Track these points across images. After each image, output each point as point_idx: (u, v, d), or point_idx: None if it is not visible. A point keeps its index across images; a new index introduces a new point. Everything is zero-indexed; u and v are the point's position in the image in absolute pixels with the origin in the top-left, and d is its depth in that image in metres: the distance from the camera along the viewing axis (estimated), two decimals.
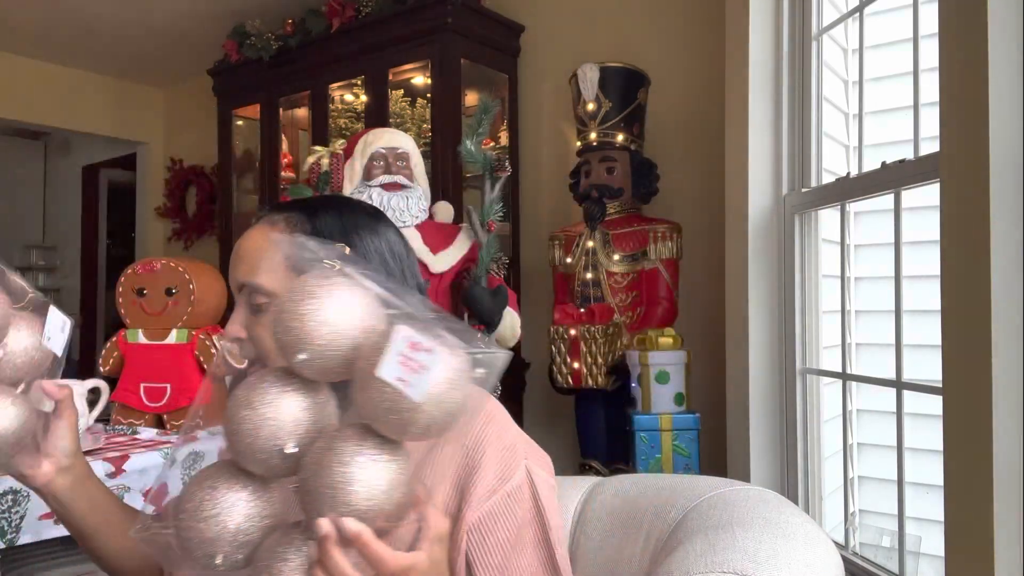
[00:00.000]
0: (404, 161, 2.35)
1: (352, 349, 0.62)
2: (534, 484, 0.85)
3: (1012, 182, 1.27)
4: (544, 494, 0.85)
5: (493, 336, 2.36)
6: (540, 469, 0.88)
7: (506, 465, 0.83)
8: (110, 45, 4.38)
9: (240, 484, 0.66)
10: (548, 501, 0.86)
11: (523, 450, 0.86)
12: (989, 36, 1.28)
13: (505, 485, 0.82)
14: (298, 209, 0.89)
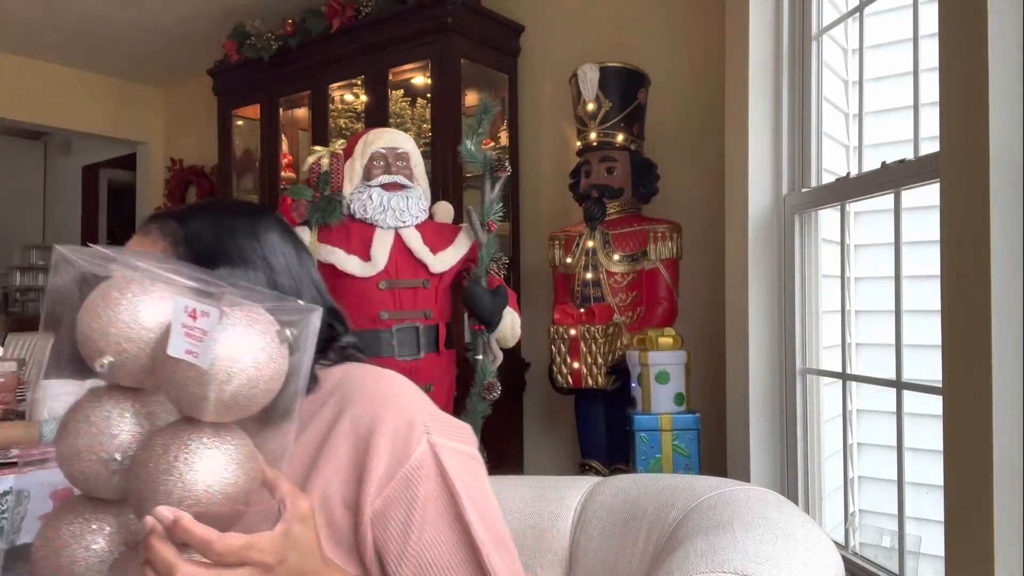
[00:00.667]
0: (404, 161, 2.35)
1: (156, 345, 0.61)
2: (438, 457, 0.80)
3: (1012, 182, 1.27)
4: (452, 466, 0.80)
5: (493, 336, 2.36)
6: (449, 440, 0.82)
7: (403, 444, 0.79)
8: (110, 45, 4.38)
9: (93, 513, 0.65)
10: (459, 472, 0.81)
11: (424, 423, 0.81)
12: (989, 36, 1.28)
13: (402, 466, 0.78)
14: (172, 216, 0.86)
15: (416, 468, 0.78)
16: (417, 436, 0.79)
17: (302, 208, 2.32)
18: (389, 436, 0.79)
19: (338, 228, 2.31)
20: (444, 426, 0.83)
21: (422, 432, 0.80)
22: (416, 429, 0.80)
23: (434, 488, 0.79)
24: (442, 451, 0.80)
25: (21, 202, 6.73)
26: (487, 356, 2.37)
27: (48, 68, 4.67)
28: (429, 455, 0.79)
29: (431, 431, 0.81)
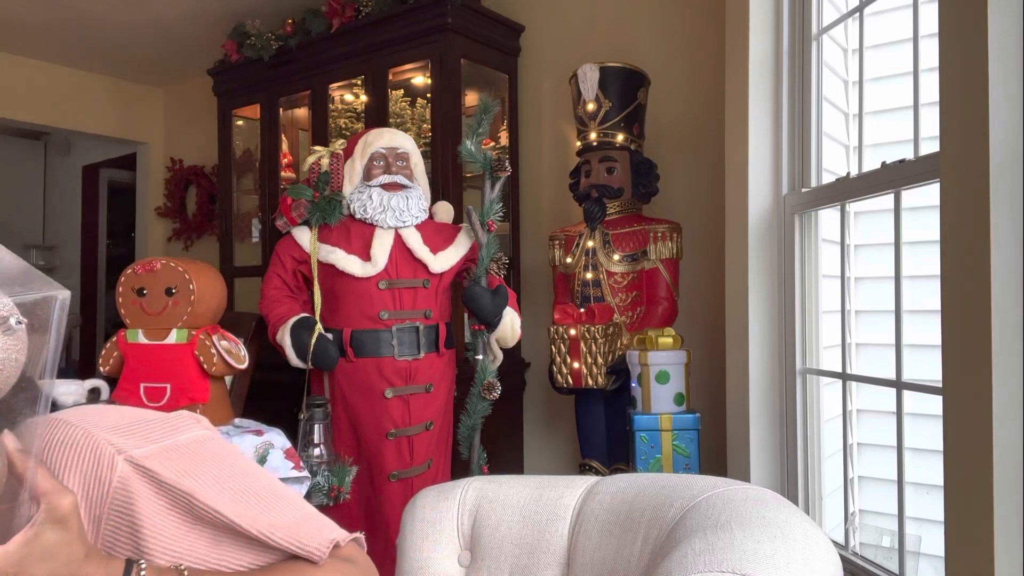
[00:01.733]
0: (404, 161, 2.35)
1: None
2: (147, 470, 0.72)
3: (1012, 182, 1.27)
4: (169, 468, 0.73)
5: (493, 336, 2.36)
6: (154, 443, 0.75)
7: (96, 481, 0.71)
8: (110, 45, 4.38)
9: None
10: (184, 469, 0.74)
11: (111, 443, 0.73)
12: (989, 36, 1.28)
13: (107, 500, 0.71)
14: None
15: (124, 491, 0.71)
16: (108, 464, 0.71)
17: (302, 208, 2.32)
18: (81, 488, 0.71)
19: (338, 228, 2.31)
20: (143, 431, 0.75)
21: (112, 455, 0.72)
22: (103, 457, 0.72)
23: (155, 501, 0.71)
24: (148, 461, 0.72)
25: (21, 202, 6.73)
26: (487, 356, 2.37)
27: (48, 68, 4.67)
28: (132, 473, 0.71)
29: (123, 447, 0.73)
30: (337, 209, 2.31)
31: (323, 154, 2.42)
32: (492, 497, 1.19)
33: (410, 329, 2.28)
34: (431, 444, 2.36)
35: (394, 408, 2.27)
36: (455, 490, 1.25)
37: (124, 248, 6.41)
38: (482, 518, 1.18)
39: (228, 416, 2.03)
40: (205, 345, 1.87)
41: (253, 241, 4.08)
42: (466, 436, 2.35)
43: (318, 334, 2.24)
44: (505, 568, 1.12)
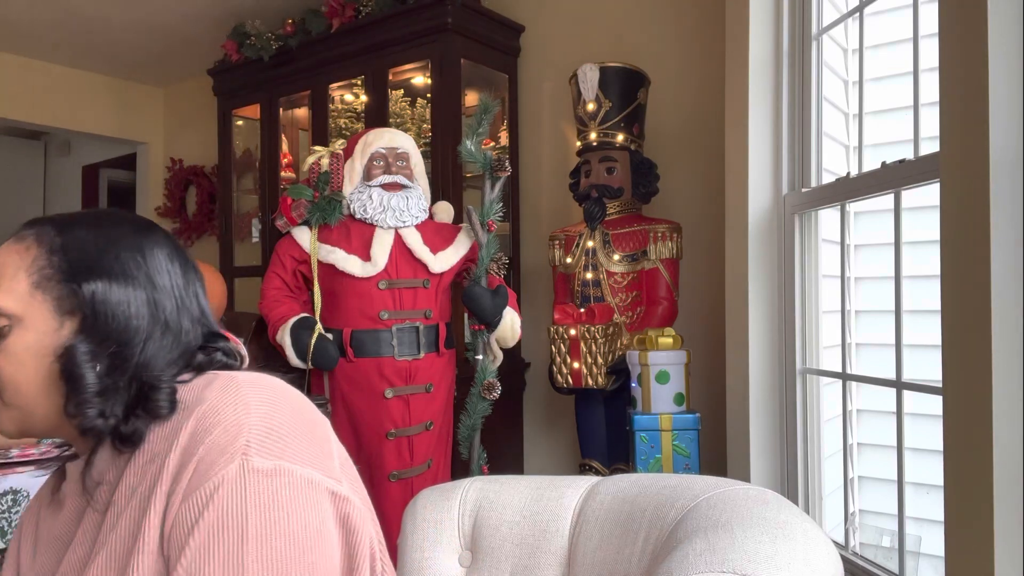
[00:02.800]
0: (404, 161, 2.35)
1: None
2: (245, 480, 0.67)
3: (1012, 182, 1.27)
4: (261, 493, 0.67)
5: (493, 336, 2.36)
6: (278, 460, 0.69)
7: (211, 462, 0.67)
8: (110, 45, 4.38)
9: None
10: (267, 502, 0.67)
11: (247, 440, 0.69)
12: (989, 36, 1.28)
13: (202, 485, 0.67)
14: (52, 222, 0.80)
15: (214, 489, 0.66)
16: (231, 453, 0.68)
17: (302, 208, 2.32)
18: (205, 450, 0.68)
19: (338, 228, 2.31)
20: (279, 445, 0.70)
21: (238, 449, 0.68)
22: (235, 444, 0.68)
23: (223, 517, 0.66)
24: (255, 476, 0.67)
25: (21, 202, 6.72)
26: (487, 356, 2.37)
27: (48, 68, 4.67)
28: (236, 477, 0.67)
29: (251, 449, 0.68)
30: (337, 209, 2.31)
31: (323, 154, 2.42)
32: (493, 497, 1.19)
33: (410, 329, 2.28)
34: (431, 444, 2.36)
35: (394, 408, 2.27)
36: (456, 490, 1.25)
37: None
38: (483, 518, 1.18)
39: None
40: None
41: (253, 241, 4.08)
42: (466, 436, 2.35)
43: (318, 334, 2.24)
44: (506, 568, 1.12)
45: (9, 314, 0.75)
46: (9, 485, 1.34)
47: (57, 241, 0.77)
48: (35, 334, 0.75)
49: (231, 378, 0.75)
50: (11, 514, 1.36)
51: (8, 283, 0.75)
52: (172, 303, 0.80)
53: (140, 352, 0.77)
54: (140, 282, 0.78)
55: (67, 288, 0.75)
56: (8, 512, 1.35)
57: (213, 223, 4.75)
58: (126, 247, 0.80)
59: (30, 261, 0.76)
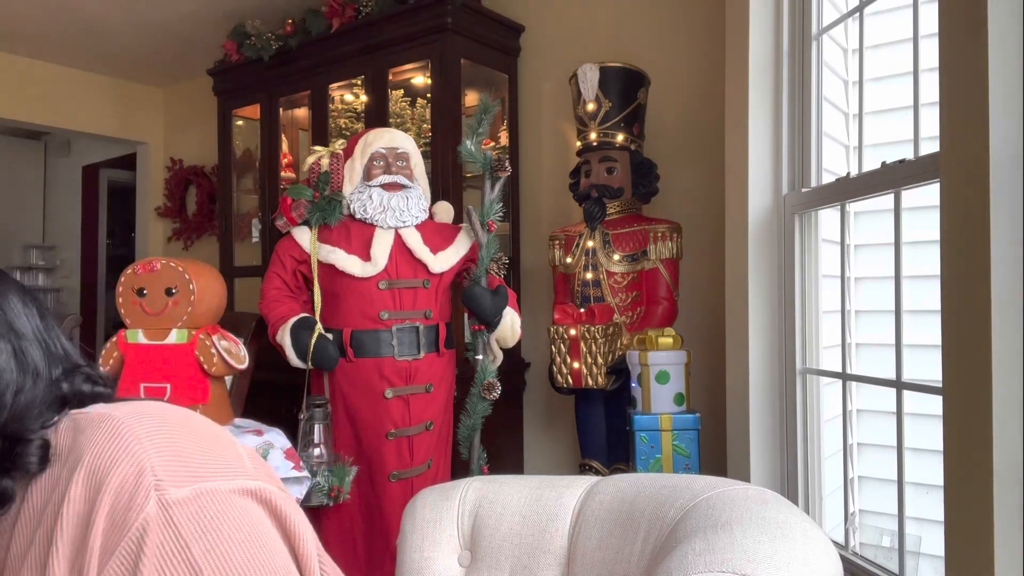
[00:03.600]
0: (404, 161, 2.35)
1: None
2: (170, 518, 0.62)
3: (1012, 182, 1.27)
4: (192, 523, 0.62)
5: (493, 336, 2.36)
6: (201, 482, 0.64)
7: (124, 509, 0.61)
8: (110, 45, 4.38)
9: None
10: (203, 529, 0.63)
11: (155, 473, 0.63)
12: (989, 36, 1.28)
13: (123, 539, 0.61)
14: None
15: (140, 536, 0.61)
16: (143, 494, 0.62)
17: (302, 208, 2.32)
18: (109, 502, 0.61)
19: (338, 228, 2.32)
20: (188, 468, 0.65)
21: (150, 487, 0.62)
22: (143, 484, 0.62)
23: (163, 562, 0.61)
24: (179, 507, 0.62)
25: (21, 202, 6.73)
26: (487, 356, 2.37)
27: (48, 68, 4.67)
28: (157, 518, 0.61)
29: (163, 483, 0.63)
30: (337, 209, 2.31)
31: (323, 154, 2.42)
32: (492, 497, 1.19)
33: (410, 329, 2.28)
34: (431, 444, 2.36)
35: (394, 408, 2.27)
36: (455, 490, 1.25)
37: (124, 248, 6.41)
38: (482, 518, 1.18)
39: (228, 416, 2.03)
40: (205, 345, 1.87)
41: (253, 241, 4.08)
42: (466, 436, 2.35)
43: (318, 334, 2.24)
44: (505, 568, 1.12)
45: None
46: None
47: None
48: None
49: (105, 417, 0.68)
50: None
51: None
52: (39, 350, 0.75)
53: (11, 406, 0.70)
54: (3, 334, 0.72)
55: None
56: None
57: (213, 223, 4.75)
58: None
59: None
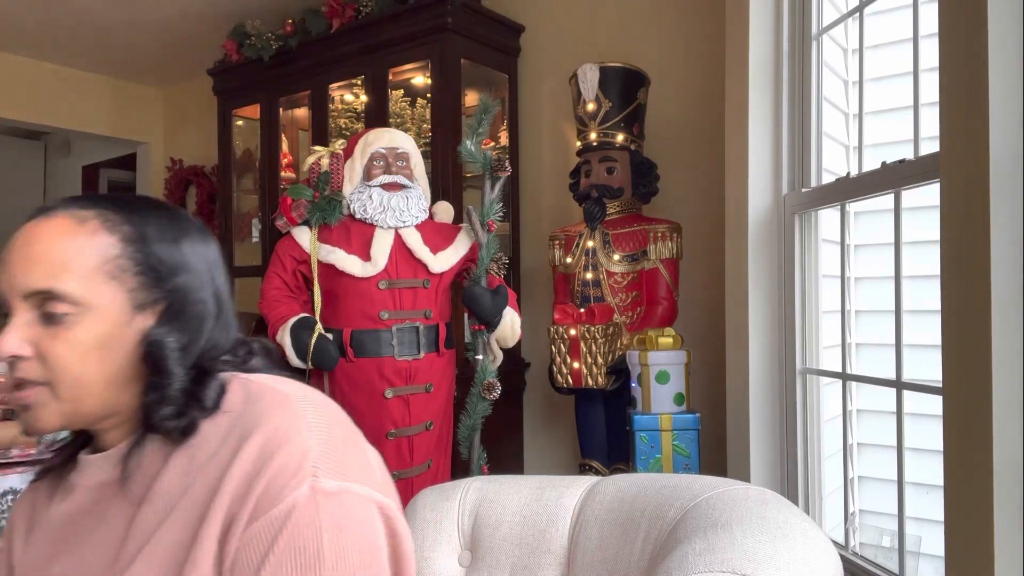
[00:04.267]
0: (404, 161, 2.35)
1: None
2: (317, 504, 0.67)
3: (1012, 182, 1.27)
4: (329, 516, 0.68)
5: (493, 336, 2.36)
6: (345, 481, 0.70)
7: (280, 485, 0.67)
8: (110, 45, 4.38)
9: None
10: (333, 525, 0.68)
11: (315, 463, 0.69)
12: (989, 36, 1.28)
13: (272, 508, 0.67)
14: (112, 207, 0.77)
15: (287, 511, 0.67)
16: (302, 475, 0.68)
17: (302, 208, 2.32)
18: (273, 472, 0.68)
19: (338, 228, 2.31)
20: (340, 465, 0.71)
21: (308, 471, 0.68)
22: (304, 467, 0.69)
23: (298, 540, 0.66)
24: (325, 498, 0.68)
25: (21, 202, 6.72)
26: (487, 356, 2.37)
27: (48, 68, 4.67)
28: (308, 500, 0.67)
29: (319, 471, 0.69)
30: (337, 209, 2.31)
31: (323, 154, 2.42)
32: (492, 497, 1.19)
33: (410, 329, 2.28)
34: (431, 444, 2.36)
35: (394, 408, 2.27)
36: (455, 490, 1.25)
37: None
38: (482, 518, 1.18)
39: None
40: None
41: (253, 241, 4.08)
42: (466, 436, 2.35)
43: (318, 334, 2.24)
44: (506, 568, 1.12)
45: (77, 302, 0.72)
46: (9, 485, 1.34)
47: (128, 230, 0.75)
48: (106, 325, 0.72)
49: (280, 394, 0.75)
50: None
51: (75, 269, 0.72)
52: (224, 287, 0.81)
53: (205, 340, 0.77)
54: (204, 271, 0.78)
55: (146, 280, 0.74)
56: (8, 512, 1.35)
57: (213, 223, 4.74)
58: (190, 236, 0.79)
59: (102, 249, 0.74)
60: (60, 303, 0.71)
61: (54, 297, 0.71)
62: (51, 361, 0.71)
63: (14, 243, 0.76)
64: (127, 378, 0.74)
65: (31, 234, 0.75)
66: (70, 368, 0.72)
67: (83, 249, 0.73)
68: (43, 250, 0.73)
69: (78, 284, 0.72)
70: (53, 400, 0.72)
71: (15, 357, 0.72)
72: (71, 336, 0.71)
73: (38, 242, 0.74)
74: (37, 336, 0.72)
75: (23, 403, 0.72)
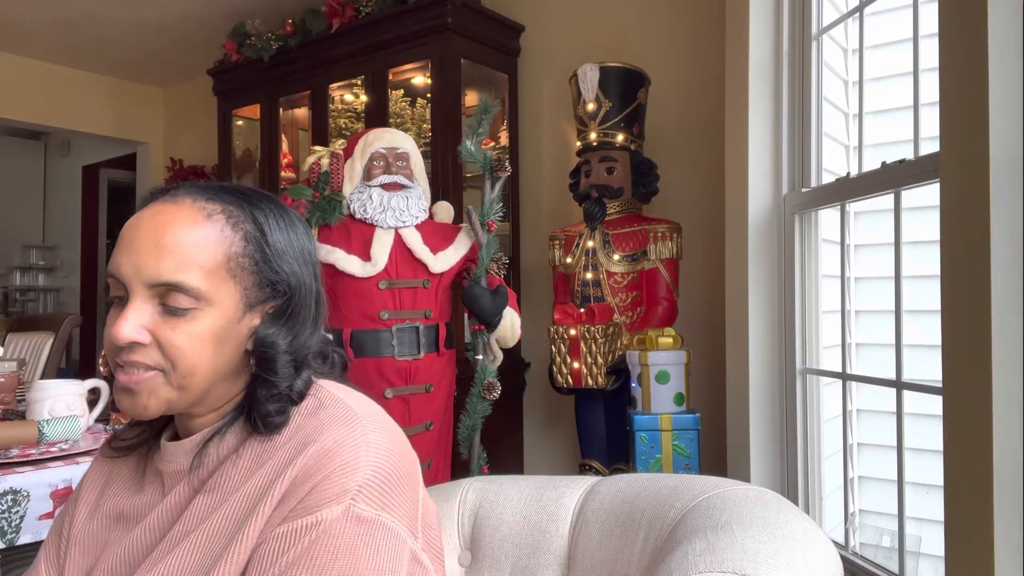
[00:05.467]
0: (404, 161, 2.35)
1: None
2: (345, 529, 0.68)
3: (1012, 182, 1.27)
4: (349, 544, 0.68)
5: (493, 336, 2.36)
6: (379, 510, 0.70)
7: (318, 497, 0.69)
8: (110, 45, 4.38)
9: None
10: (356, 553, 0.68)
11: (359, 489, 0.70)
12: (989, 36, 1.28)
13: (302, 517, 0.69)
14: (233, 201, 0.78)
15: (314, 524, 0.68)
16: (342, 494, 0.70)
17: (302, 208, 2.32)
18: (318, 482, 0.70)
19: (338, 228, 2.31)
20: (384, 496, 0.72)
21: (349, 493, 0.70)
22: (347, 487, 0.70)
23: (313, 555, 0.68)
24: (355, 524, 0.69)
25: (21, 202, 6.73)
26: (487, 356, 2.37)
27: (48, 68, 4.67)
28: (337, 520, 0.69)
29: (359, 496, 0.70)
30: (337, 209, 2.31)
31: (323, 154, 2.42)
32: (492, 497, 1.19)
33: (410, 329, 2.28)
34: (431, 444, 2.36)
35: (394, 408, 2.27)
36: (456, 490, 1.25)
37: None
38: (483, 518, 1.18)
39: None
40: None
41: None
42: (466, 436, 2.35)
43: None
44: (506, 568, 1.12)
45: (201, 297, 0.73)
46: (9, 485, 1.34)
47: (250, 229, 0.77)
48: (222, 321, 0.74)
49: (348, 408, 0.76)
50: (11, 514, 1.36)
51: (203, 264, 0.74)
52: (320, 288, 0.83)
53: (304, 339, 0.80)
54: (308, 272, 0.81)
55: (259, 280, 0.77)
56: (8, 512, 1.35)
57: None
58: (298, 234, 0.81)
59: (226, 246, 0.75)
60: (185, 296, 0.73)
61: (181, 290, 0.73)
62: (168, 350, 0.73)
63: (140, 225, 0.75)
64: (232, 372, 0.77)
65: (160, 220, 0.75)
66: (187, 358, 0.73)
67: (211, 244, 0.74)
68: (174, 241, 0.73)
69: (204, 279, 0.73)
70: (164, 386, 0.74)
71: (134, 343, 0.73)
72: (190, 328, 0.73)
73: (168, 231, 0.74)
74: (155, 324, 0.73)
75: (130, 387, 0.74)
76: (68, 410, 1.59)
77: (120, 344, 0.72)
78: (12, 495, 1.35)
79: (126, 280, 0.73)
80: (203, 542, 0.71)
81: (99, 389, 1.71)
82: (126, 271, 0.73)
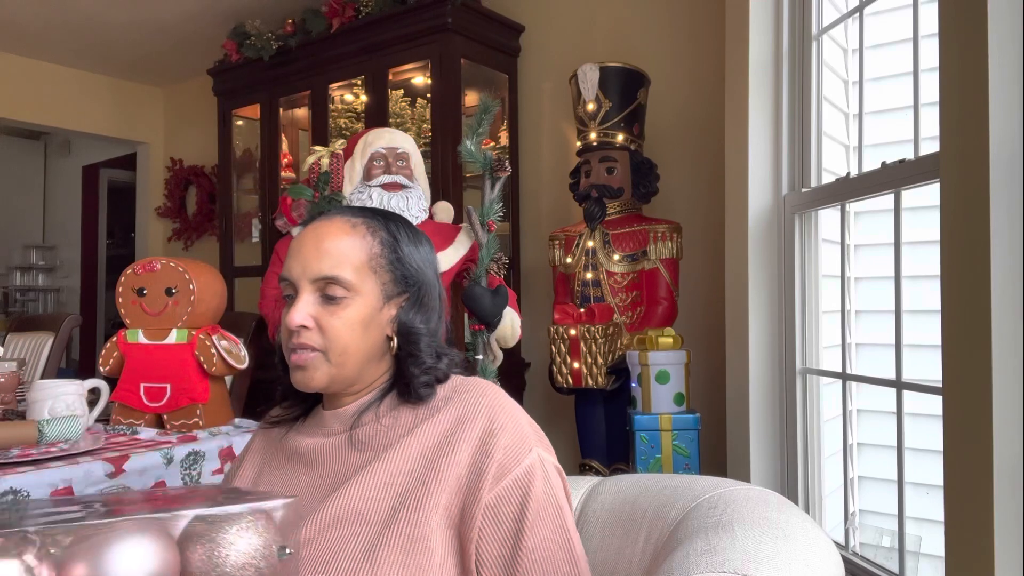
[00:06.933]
0: (404, 161, 2.35)
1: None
2: (544, 467, 0.89)
3: (1012, 182, 1.27)
4: (553, 478, 0.91)
5: (493, 336, 2.36)
6: (548, 454, 0.94)
7: (515, 451, 0.87)
8: (110, 45, 4.38)
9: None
10: (557, 484, 0.91)
11: (533, 436, 0.92)
12: (989, 36, 1.28)
13: (515, 468, 0.86)
14: (372, 216, 0.98)
15: (528, 473, 0.87)
16: (527, 446, 0.89)
17: (302, 208, 2.32)
18: (503, 446, 0.87)
19: None
20: (542, 439, 0.94)
21: (531, 443, 0.90)
22: (526, 440, 0.90)
23: (541, 495, 0.86)
24: (548, 464, 0.91)
25: (21, 202, 6.73)
26: (487, 356, 2.37)
27: (48, 68, 4.67)
28: (538, 464, 0.89)
29: (535, 445, 0.91)
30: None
31: (323, 154, 2.42)
32: None
33: None
34: None
35: None
36: None
37: (124, 248, 6.41)
38: None
39: (228, 416, 2.03)
40: (205, 345, 1.87)
41: (253, 241, 4.08)
42: None
43: None
44: None
45: (351, 288, 0.92)
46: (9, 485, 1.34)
47: (385, 236, 0.96)
48: (367, 309, 0.93)
49: (484, 385, 0.97)
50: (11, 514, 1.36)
51: (351, 261, 0.93)
52: (442, 291, 1.02)
53: (436, 327, 0.99)
54: (432, 274, 1.00)
55: (395, 276, 0.95)
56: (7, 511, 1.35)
57: (213, 223, 4.75)
58: (424, 246, 1.01)
59: (367, 248, 0.94)
60: (339, 287, 0.91)
61: (335, 282, 0.91)
62: (327, 332, 0.91)
63: (305, 239, 0.95)
64: (377, 353, 0.95)
65: (319, 232, 0.95)
66: (341, 339, 0.91)
67: (356, 247, 0.94)
68: (330, 245, 0.93)
69: (352, 273, 0.92)
70: (325, 363, 0.92)
71: (302, 327, 0.91)
72: (344, 314, 0.91)
73: (325, 239, 0.94)
74: (318, 312, 0.92)
75: (300, 364, 0.92)
76: (68, 410, 1.59)
77: (292, 328, 0.91)
78: (12, 494, 1.35)
79: (295, 279, 0.93)
80: (367, 489, 0.87)
81: (99, 389, 1.70)
82: (295, 272, 0.93)
